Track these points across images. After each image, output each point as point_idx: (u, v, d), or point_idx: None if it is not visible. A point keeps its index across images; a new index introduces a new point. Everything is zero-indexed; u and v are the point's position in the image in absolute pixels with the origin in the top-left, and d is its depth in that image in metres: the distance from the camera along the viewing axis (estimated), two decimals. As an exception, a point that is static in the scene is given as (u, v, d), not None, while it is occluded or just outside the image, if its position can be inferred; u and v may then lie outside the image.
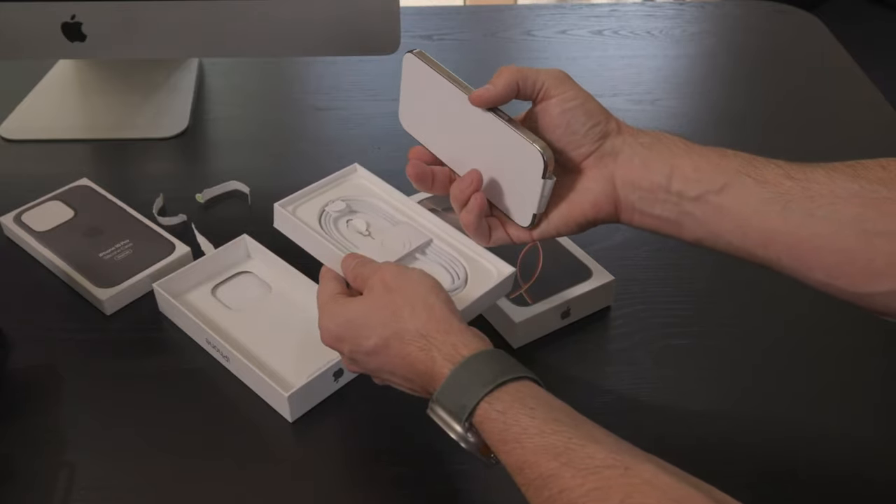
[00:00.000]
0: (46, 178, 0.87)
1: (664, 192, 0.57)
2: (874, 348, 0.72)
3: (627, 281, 0.76)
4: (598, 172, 0.59)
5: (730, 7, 1.25)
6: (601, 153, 0.59)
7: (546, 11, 1.22)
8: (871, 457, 0.64)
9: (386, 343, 0.55)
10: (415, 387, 0.56)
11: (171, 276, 0.74)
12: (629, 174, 0.58)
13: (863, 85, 1.07)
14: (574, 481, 0.45)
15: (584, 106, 0.59)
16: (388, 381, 0.58)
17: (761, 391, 0.69)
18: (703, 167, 0.56)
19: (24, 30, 0.90)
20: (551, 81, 0.59)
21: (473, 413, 0.51)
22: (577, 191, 0.60)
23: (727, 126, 1.00)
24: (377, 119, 0.99)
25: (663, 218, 0.58)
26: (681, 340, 0.73)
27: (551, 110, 0.59)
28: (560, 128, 0.59)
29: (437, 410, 0.53)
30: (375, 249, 0.64)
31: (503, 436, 0.49)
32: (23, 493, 0.61)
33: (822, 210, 0.52)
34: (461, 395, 0.51)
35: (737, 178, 0.55)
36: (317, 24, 0.91)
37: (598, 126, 0.59)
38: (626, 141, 0.59)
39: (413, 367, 0.55)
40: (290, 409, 0.64)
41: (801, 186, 0.53)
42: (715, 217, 0.56)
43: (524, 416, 0.49)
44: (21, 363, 0.71)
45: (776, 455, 0.64)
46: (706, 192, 0.55)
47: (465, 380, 0.52)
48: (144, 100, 1.02)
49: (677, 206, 0.57)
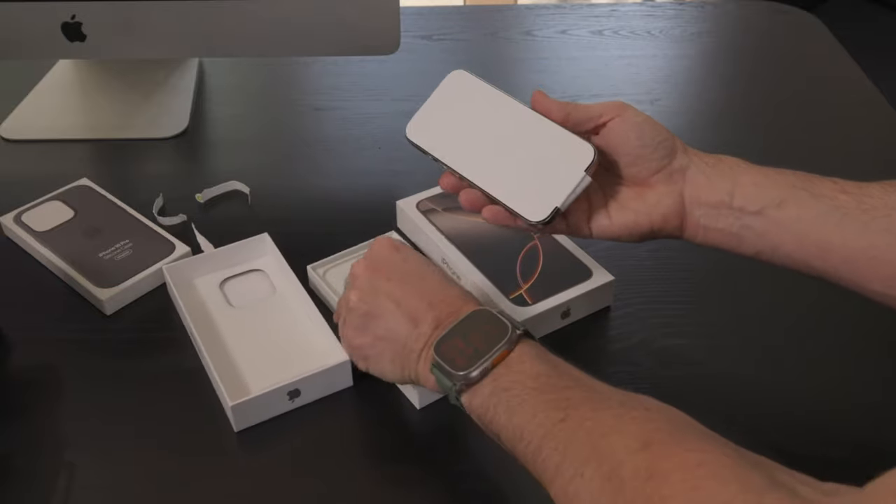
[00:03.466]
0: (46, 178, 0.87)
1: (727, 207, 0.59)
2: (875, 348, 0.72)
3: (627, 281, 0.76)
4: (668, 188, 0.61)
5: (730, 7, 1.25)
6: (671, 170, 0.61)
7: (546, 11, 1.22)
8: (872, 455, 0.64)
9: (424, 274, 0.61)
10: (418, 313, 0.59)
11: (184, 260, 0.75)
12: (695, 191, 0.60)
13: (863, 85, 1.07)
14: (581, 392, 0.51)
15: (650, 122, 0.61)
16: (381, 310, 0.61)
17: (762, 391, 0.69)
18: (762, 183, 0.59)
19: (24, 30, 0.90)
20: (610, 107, 0.61)
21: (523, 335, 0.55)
22: (648, 203, 0.61)
23: (727, 126, 1.00)
24: (377, 119, 0.99)
25: (726, 231, 0.60)
26: (681, 340, 0.73)
27: (622, 125, 0.61)
28: (632, 140, 0.61)
29: (493, 311, 0.57)
30: None
31: (540, 354, 0.54)
32: (23, 493, 0.61)
33: (876, 222, 0.55)
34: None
35: (794, 193, 0.58)
36: (317, 24, 0.91)
37: (666, 141, 0.61)
38: (691, 160, 0.61)
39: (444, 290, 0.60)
40: (233, 418, 0.64)
41: (856, 200, 0.56)
42: (774, 230, 0.58)
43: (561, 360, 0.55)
44: (21, 363, 0.71)
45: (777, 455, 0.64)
46: (766, 207, 0.58)
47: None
48: (144, 100, 1.02)
49: (739, 220, 0.59)
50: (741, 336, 0.73)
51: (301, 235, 0.80)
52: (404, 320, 0.59)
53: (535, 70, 1.10)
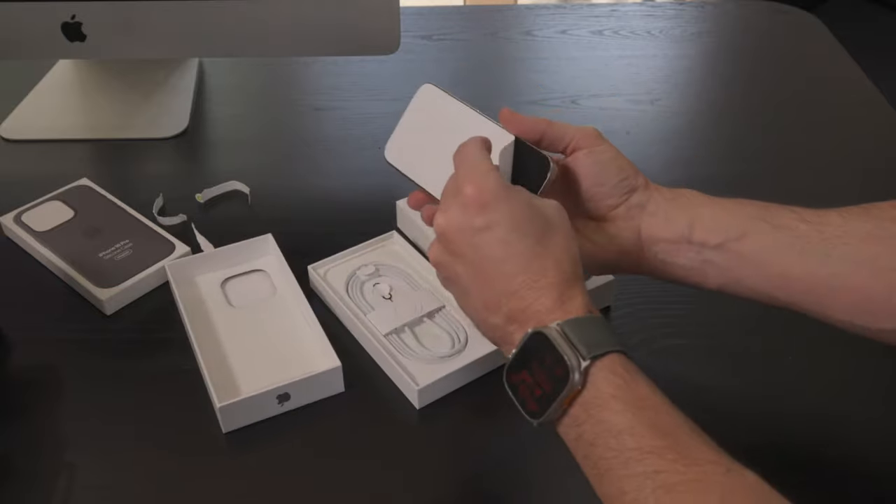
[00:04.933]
0: (46, 178, 0.87)
1: (686, 242, 0.59)
2: (876, 349, 0.72)
3: (627, 281, 0.76)
4: (626, 224, 0.60)
5: (730, 7, 1.25)
6: (629, 205, 0.60)
7: (546, 11, 1.22)
8: (872, 455, 0.64)
9: (533, 255, 0.52)
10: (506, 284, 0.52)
11: (187, 258, 0.75)
12: (652, 228, 0.60)
13: (862, 85, 1.07)
14: (675, 466, 0.44)
15: (616, 161, 0.61)
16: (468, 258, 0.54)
17: (762, 391, 0.69)
18: (721, 217, 0.58)
19: (24, 30, 0.90)
20: (581, 135, 0.61)
21: (601, 357, 0.48)
22: (606, 236, 0.61)
23: (727, 126, 1.00)
24: (377, 119, 0.99)
25: (687, 267, 0.59)
26: (681, 340, 0.72)
27: (583, 160, 0.61)
28: (590, 178, 0.61)
29: (554, 334, 0.49)
30: (390, 312, 0.71)
31: (618, 392, 0.47)
32: (23, 493, 0.61)
33: (837, 251, 0.54)
34: (594, 336, 0.49)
35: (754, 225, 0.57)
36: (317, 24, 0.91)
37: (626, 180, 0.61)
38: (651, 196, 0.60)
39: (546, 284, 0.51)
40: (222, 419, 0.64)
41: (816, 230, 0.55)
42: (736, 264, 0.57)
43: (646, 388, 0.48)
44: (21, 363, 0.71)
45: (778, 455, 0.64)
46: (726, 241, 0.57)
47: (603, 329, 0.50)
48: (144, 100, 1.02)
49: (699, 254, 0.58)
50: (741, 336, 0.73)
51: (301, 235, 0.80)
52: (478, 305, 0.54)
53: (535, 70, 1.10)
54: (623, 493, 0.45)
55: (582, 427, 0.48)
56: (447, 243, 0.55)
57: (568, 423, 0.49)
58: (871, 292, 0.54)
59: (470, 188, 0.54)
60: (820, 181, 0.90)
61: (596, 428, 0.47)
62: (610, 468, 0.46)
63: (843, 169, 0.92)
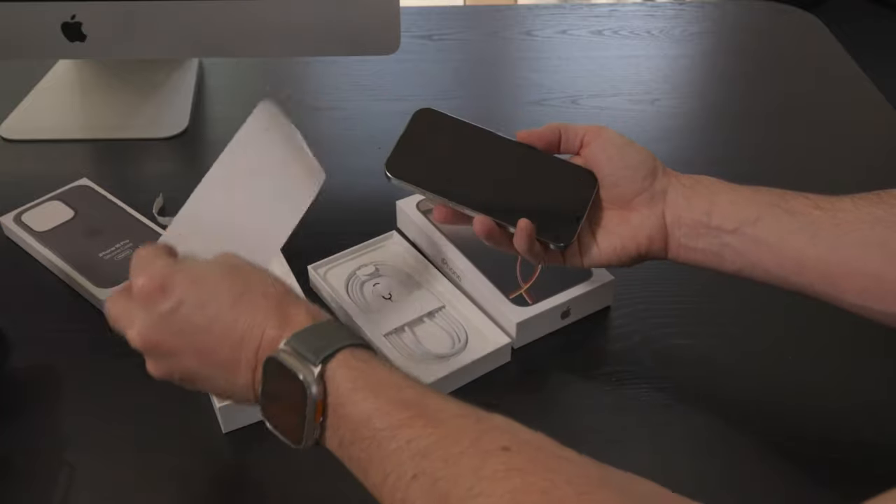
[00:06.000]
0: (46, 178, 0.87)
1: (705, 227, 0.61)
2: (876, 347, 0.72)
3: (627, 281, 0.76)
4: (650, 210, 0.62)
5: (730, 7, 1.25)
6: (652, 192, 0.62)
7: (546, 11, 1.22)
8: (872, 455, 0.64)
9: (237, 296, 0.51)
10: (241, 352, 0.51)
11: None
12: (676, 211, 0.62)
13: (863, 85, 1.07)
14: (425, 430, 0.44)
15: (631, 144, 0.64)
16: (192, 348, 0.52)
17: (762, 390, 0.69)
18: (738, 202, 0.60)
19: (24, 30, 0.90)
20: (594, 129, 0.64)
21: (332, 357, 0.48)
22: (632, 226, 0.63)
23: (727, 126, 1.00)
24: (377, 119, 0.99)
25: (706, 251, 0.61)
26: (681, 340, 0.73)
27: (604, 146, 0.64)
28: (613, 161, 0.63)
29: (283, 356, 0.48)
30: (390, 311, 0.71)
31: (357, 383, 0.47)
32: (23, 493, 0.61)
33: (849, 236, 0.56)
34: (321, 340, 0.49)
35: (769, 210, 0.59)
36: (317, 25, 0.91)
37: (648, 161, 0.63)
38: (671, 182, 0.62)
39: (263, 316, 0.50)
40: (222, 420, 0.64)
41: (829, 215, 0.57)
42: (752, 248, 0.59)
43: (383, 370, 0.48)
44: (21, 363, 0.70)
45: (778, 455, 0.64)
46: (742, 225, 0.59)
47: (330, 330, 0.50)
48: (144, 100, 1.02)
49: (717, 238, 0.60)
50: (741, 336, 0.73)
51: (301, 235, 0.80)
52: (221, 381, 0.53)
53: (535, 70, 1.10)
54: (386, 475, 0.45)
55: (340, 431, 0.47)
56: (155, 350, 0.53)
57: (329, 436, 0.48)
58: (881, 276, 0.56)
59: (142, 279, 0.53)
60: (820, 181, 0.89)
61: (349, 425, 0.47)
62: (370, 457, 0.46)
63: (844, 169, 0.92)
